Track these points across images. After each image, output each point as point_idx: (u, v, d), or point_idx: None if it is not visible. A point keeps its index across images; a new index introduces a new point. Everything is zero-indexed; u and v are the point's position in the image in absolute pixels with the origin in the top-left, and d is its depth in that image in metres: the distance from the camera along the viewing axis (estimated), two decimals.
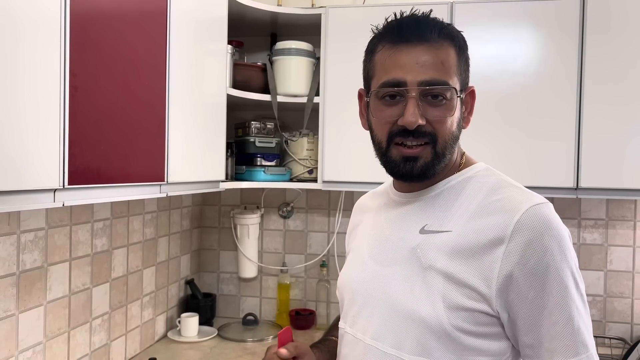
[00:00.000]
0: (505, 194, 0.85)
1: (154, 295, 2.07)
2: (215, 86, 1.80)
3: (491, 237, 0.80)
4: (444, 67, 0.84)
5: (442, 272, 0.83)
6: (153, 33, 1.35)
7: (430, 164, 0.86)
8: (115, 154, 1.19)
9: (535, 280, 0.78)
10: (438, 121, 0.85)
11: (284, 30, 2.28)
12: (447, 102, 0.84)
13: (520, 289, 0.79)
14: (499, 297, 0.80)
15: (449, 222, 0.86)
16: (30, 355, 1.42)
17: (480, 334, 0.81)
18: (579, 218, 2.18)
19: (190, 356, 1.95)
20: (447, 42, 0.85)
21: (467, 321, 0.81)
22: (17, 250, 1.37)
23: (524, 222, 0.79)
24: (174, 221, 2.22)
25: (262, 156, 2.11)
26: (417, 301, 0.83)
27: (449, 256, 0.83)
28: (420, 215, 0.90)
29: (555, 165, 1.83)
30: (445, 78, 0.84)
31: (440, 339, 0.81)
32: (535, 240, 0.78)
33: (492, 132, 1.86)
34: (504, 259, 0.79)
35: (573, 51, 1.81)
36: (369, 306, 0.91)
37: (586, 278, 2.17)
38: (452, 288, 0.81)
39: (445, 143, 0.86)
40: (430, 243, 0.86)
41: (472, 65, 1.90)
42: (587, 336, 0.80)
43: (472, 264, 0.81)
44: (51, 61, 0.98)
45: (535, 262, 0.78)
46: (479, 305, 0.80)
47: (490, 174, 0.91)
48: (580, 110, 1.81)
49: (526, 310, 0.79)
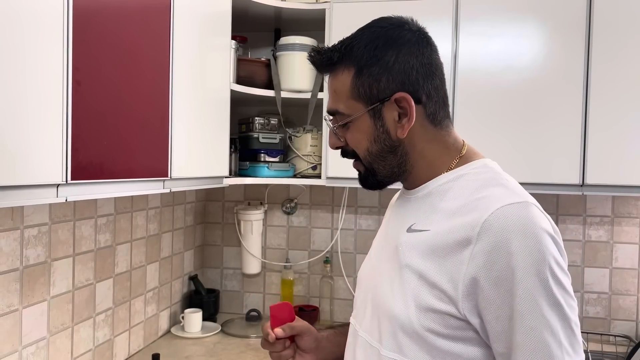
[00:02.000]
0: (489, 192, 0.80)
1: (158, 290, 2.07)
2: (219, 81, 1.79)
3: (460, 237, 0.77)
4: (337, 94, 0.89)
5: (416, 272, 0.82)
6: (157, 27, 1.35)
7: (366, 176, 0.92)
8: (119, 149, 1.19)
9: (500, 286, 0.73)
10: (349, 142, 0.90)
11: (288, 26, 2.26)
12: (349, 124, 0.88)
13: (485, 294, 0.74)
14: (466, 301, 0.76)
15: (430, 222, 0.84)
16: (34, 350, 1.43)
17: (452, 337, 0.78)
18: (585, 215, 2.17)
19: (193, 352, 1.95)
20: (341, 67, 0.88)
21: (437, 323, 0.78)
22: (21, 245, 1.36)
23: (491, 223, 0.74)
24: (178, 217, 2.22)
25: (265, 152, 2.11)
26: (393, 299, 0.84)
27: (423, 255, 0.82)
28: (411, 214, 0.90)
29: (561, 161, 1.81)
30: (336, 106, 0.89)
31: (412, 338, 0.80)
32: (502, 243, 0.73)
33: (496, 128, 1.85)
34: (470, 262, 0.75)
35: (579, 46, 1.80)
36: (365, 299, 0.94)
37: (591, 275, 2.16)
38: (424, 288, 0.80)
39: (368, 159, 0.89)
40: (410, 241, 0.85)
41: (477, 60, 1.90)
42: (556, 348, 0.72)
43: (443, 264, 0.78)
44: (54, 55, 0.97)
45: (501, 268, 0.73)
46: (447, 308, 0.77)
47: (485, 171, 0.87)
48: (587, 106, 1.79)
49: (493, 317, 0.75)
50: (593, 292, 2.17)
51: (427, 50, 0.90)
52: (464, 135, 1.93)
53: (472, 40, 1.87)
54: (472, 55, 1.87)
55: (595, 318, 2.17)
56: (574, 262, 2.18)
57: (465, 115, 1.87)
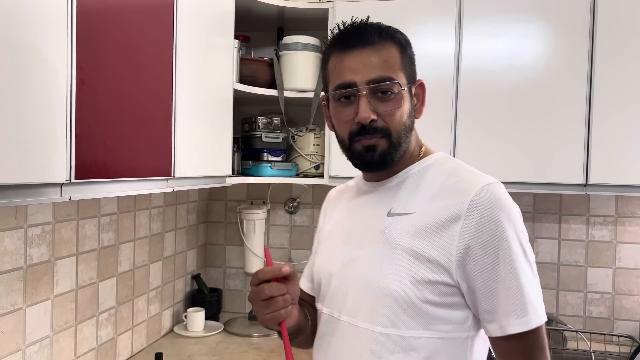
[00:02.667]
0: (461, 176, 0.94)
1: (161, 289, 2.08)
2: (222, 81, 1.80)
3: (449, 215, 0.89)
4: (388, 64, 0.93)
5: (407, 250, 0.91)
6: (160, 27, 1.35)
7: (387, 152, 0.94)
8: (122, 149, 1.19)
9: (489, 251, 0.87)
10: (389, 114, 0.93)
11: (290, 25, 2.26)
12: (395, 96, 0.93)
13: (476, 259, 0.87)
14: (459, 268, 0.88)
15: (412, 205, 0.94)
16: (37, 349, 1.43)
17: (443, 304, 0.89)
18: (588, 215, 2.16)
19: (196, 351, 1.96)
20: (388, 43, 0.94)
21: (431, 293, 0.89)
22: (25, 244, 1.37)
23: (477, 200, 0.88)
24: (181, 216, 2.22)
25: (268, 151, 2.11)
26: (386, 277, 0.91)
27: (413, 235, 0.91)
28: (386, 201, 0.98)
29: (564, 161, 1.81)
30: (390, 74, 0.93)
31: (408, 311, 0.89)
32: (488, 215, 0.87)
33: (499, 127, 1.85)
34: (461, 234, 0.87)
35: (583, 46, 1.79)
36: (343, 286, 0.98)
37: (594, 275, 2.16)
38: (417, 263, 0.89)
39: (399, 133, 0.94)
40: (396, 224, 0.94)
41: (480, 59, 1.89)
42: (536, 299, 0.88)
43: (434, 240, 0.89)
44: (58, 54, 0.98)
45: (489, 235, 0.87)
46: (441, 277, 0.88)
47: (447, 161, 1.00)
48: (590, 105, 1.79)
49: (483, 278, 0.87)
50: (596, 292, 2.16)
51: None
52: (467, 134, 1.94)
53: (475, 40, 1.86)
54: (475, 54, 1.87)
55: (599, 318, 2.16)
56: (577, 262, 2.18)
57: (468, 114, 1.87)
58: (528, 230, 2.28)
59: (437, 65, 1.89)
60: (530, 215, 2.20)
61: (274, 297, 0.92)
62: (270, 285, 0.93)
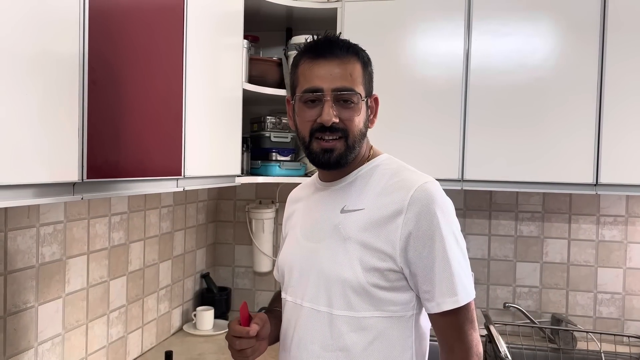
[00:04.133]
0: (403, 176, 1.07)
1: (170, 288, 2.09)
2: (231, 81, 1.80)
3: (393, 210, 1.02)
4: (352, 77, 1.05)
5: (358, 242, 1.04)
6: (170, 28, 1.36)
7: (344, 154, 1.07)
8: (133, 149, 1.20)
9: (426, 239, 1.00)
10: (348, 120, 1.05)
11: (299, 25, 2.27)
12: (354, 105, 1.05)
13: (416, 247, 1.01)
14: (402, 256, 1.01)
15: (362, 202, 1.07)
16: (49, 346, 1.45)
17: (390, 287, 1.03)
18: (598, 215, 2.15)
19: (205, 349, 1.97)
20: (353, 58, 1.07)
21: (379, 278, 1.02)
22: (37, 243, 1.38)
23: (416, 196, 1.01)
24: (190, 215, 2.23)
25: (277, 151, 2.11)
26: (340, 266, 1.04)
27: (363, 228, 1.04)
28: (340, 199, 1.11)
29: (575, 160, 1.80)
30: (352, 86, 1.05)
31: (360, 295, 1.03)
32: (425, 209, 1.01)
33: (509, 126, 1.84)
34: (404, 226, 1.01)
35: (594, 44, 1.78)
36: (304, 276, 1.10)
37: (605, 275, 2.15)
38: (367, 253, 1.03)
39: (355, 137, 1.07)
40: (348, 220, 1.07)
41: (490, 58, 1.89)
42: (466, 279, 1.03)
43: (381, 232, 1.02)
44: (70, 55, 0.99)
45: (426, 226, 1.00)
46: (388, 264, 1.02)
47: (391, 162, 1.13)
48: (601, 104, 1.78)
49: (422, 264, 1.01)
50: (607, 293, 2.15)
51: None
52: (476, 134, 1.93)
53: (484, 39, 1.86)
54: (484, 53, 1.86)
55: (609, 318, 2.15)
56: (587, 262, 2.17)
57: (478, 113, 1.86)
58: (538, 230, 2.27)
59: (447, 64, 1.88)
60: (539, 215, 2.19)
61: (244, 349, 1.09)
62: (241, 341, 1.09)
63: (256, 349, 1.12)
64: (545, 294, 2.20)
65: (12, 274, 1.31)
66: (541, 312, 2.21)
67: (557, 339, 2.04)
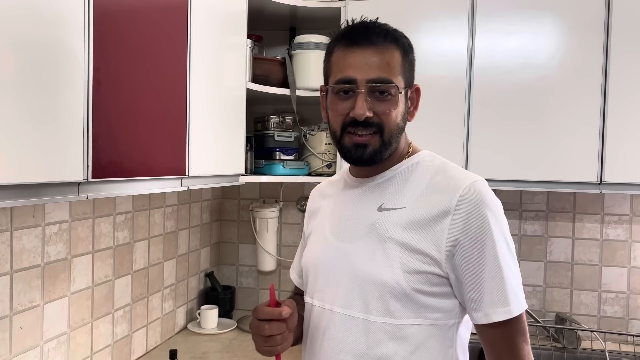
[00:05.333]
0: (449, 174, 0.99)
1: (175, 287, 2.10)
2: (235, 80, 1.81)
3: (439, 210, 0.94)
4: (389, 67, 0.96)
5: (398, 242, 0.95)
6: (174, 27, 1.36)
7: (378, 151, 0.98)
8: (138, 148, 1.21)
9: (476, 244, 0.92)
10: (384, 113, 0.97)
11: (303, 24, 2.27)
12: (391, 97, 0.97)
13: (464, 252, 0.93)
14: (448, 260, 0.93)
15: (402, 200, 0.99)
16: (55, 345, 1.46)
17: (433, 293, 0.95)
18: (602, 213, 2.15)
19: (209, 348, 1.98)
20: (392, 46, 0.98)
21: (422, 282, 0.94)
22: (42, 242, 1.39)
23: (464, 196, 0.93)
24: (194, 214, 2.24)
25: (281, 150, 2.12)
26: (378, 269, 0.96)
27: (404, 228, 0.96)
28: (376, 196, 1.02)
29: (579, 159, 1.80)
30: (390, 76, 0.96)
31: (400, 299, 0.94)
32: (475, 210, 0.93)
33: (513, 125, 1.84)
34: (451, 228, 0.93)
35: (598, 43, 1.77)
36: (334, 279, 1.01)
37: (609, 274, 2.14)
38: (408, 255, 0.94)
39: (391, 133, 0.98)
40: (387, 218, 0.98)
41: (494, 57, 1.88)
42: (518, 288, 0.95)
43: (424, 233, 0.94)
44: (75, 56, 0.99)
45: (476, 229, 0.92)
46: (432, 268, 0.94)
47: (434, 159, 1.05)
48: (605, 103, 1.77)
49: (470, 269, 0.93)
50: (611, 292, 2.15)
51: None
52: (479, 133, 1.93)
53: (488, 37, 1.86)
54: (488, 52, 1.86)
55: (613, 317, 2.14)
56: (591, 261, 2.16)
57: (481, 112, 1.86)
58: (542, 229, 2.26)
59: (450, 63, 1.88)
60: (543, 214, 2.18)
61: (273, 335, 0.95)
62: (272, 325, 0.94)
63: (286, 337, 0.96)
64: (549, 293, 2.20)
65: (18, 273, 1.32)
66: (545, 311, 2.20)
67: (561, 338, 2.04)
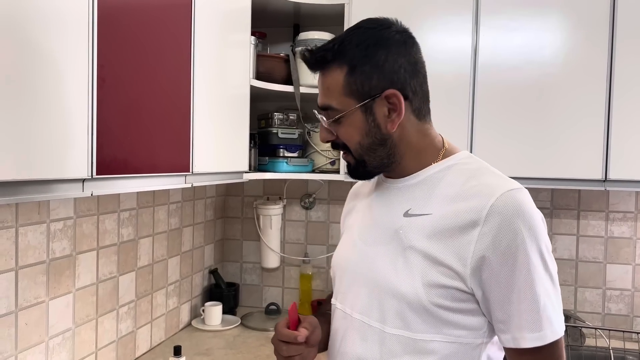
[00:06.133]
0: (483, 179, 0.90)
1: (179, 284, 2.10)
2: (239, 77, 1.81)
3: (467, 220, 0.86)
4: (329, 91, 0.94)
5: (421, 252, 0.89)
6: (178, 24, 1.36)
7: (356, 168, 0.97)
8: (142, 145, 1.21)
9: (506, 261, 0.83)
10: (341, 136, 0.96)
11: (307, 21, 2.27)
12: (341, 119, 0.94)
13: (492, 268, 0.84)
14: (473, 276, 0.85)
15: (430, 206, 0.92)
16: (60, 341, 1.46)
17: (456, 309, 0.87)
18: (607, 211, 2.14)
19: (214, 344, 1.98)
20: (334, 65, 0.93)
21: (444, 297, 0.87)
22: (47, 238, 1.40)
23: (497, 206, 0.84)
24: (198, 211, 2.25)
25: (284, 147, 2.12)
26: (398, 278, 0.90)
27: (428, 237, 0.89)
28: (404, 200, 0.96)
29: (583, 156, 1.79)
30: (329, 101, 0.94)
31: (419, 313, 0.88)
32: (507, 223, 0.83)
33: (517, 122, 1.83)
34: (479, 241, 0.84)
35: (603, 39, 1.77)
36: (357, 283, 0.98)
37: (614, 272, 2.14)
38: (430, 266, 0.87)
39: (359, 151, 0.95)
40: (412, 225, 0.92)
41: (498, 54, 1.87)
42: (553, 313, 0.85)
43: (449, 244, 0.87)
44: (80, 53, 0.99)
45: (507, 244, 0.83)
46: (455, 283, 0.86)
47: (471, 162, 0.96)
48: (610, 100, 1.77)
49: (498, 288, 0.85)
50: (615, 289, 2.14)
51: (413, 50, 0.96)
52: (484, 130, 1.93)
53: (492, 34, 1.85)
54: (492, 49, 1.85)
55: (618, 315, 2.14)
56: (595, 258, 2.15)
57: (486, 109, 1.86)
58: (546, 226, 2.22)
59: (454, 60, 1.88)
60: (548, 211, 2.18)
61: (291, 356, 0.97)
62: (289, 347, 0.96)
63: (305, 356, 0.98)
64: None
65: (23, 269, 1.33)
66: None
67: (566, 336, 2.02)
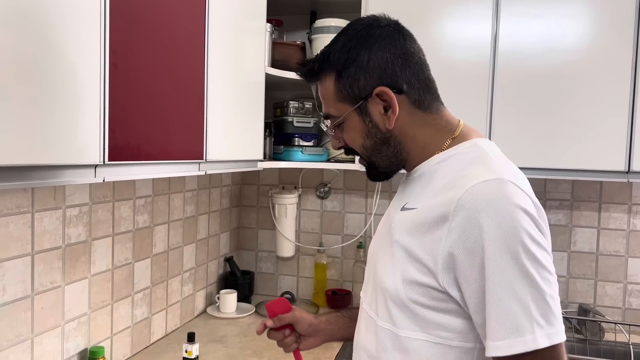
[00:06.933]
0: (470, 170, 0.83)
1: (194, 271, 2.12)
2: (254, 65, 1.80)
3: (440, 214, 0.81)
4: (326, 100, 0.96)
5: (403, 247, 0.87)
6: (193, 10, 1.35)
7: (369, 169, 0.99)
8: (155, 131, 1.21)
9: (474, 260, 0.77)
10: (346, 141, 0.97)
11: (323, 8, 2.24)
12: (342, 125, 0.96)
13: (462, 268, 0.78)
14: (445, 274, 0.80)
15: (420, 200, 0.89)
16: (76, 325, 1.48)
17: (435, 308, 0.83)
18: (630, 203, 2.08)
19: (228, 331, 1.99)
20: (324, 73, 0.94)
21: (420, 294, 0.83)
22: (63, 224, 1.41)
23: (464, 199, 0.78)
24: (214, 199, 2.25)
25: (300, 136, 2.11)
26: (385, 272, 0.90)
27: (409, 232, 0.87)
28: (406, 194, 0.96)
29: (606, 147, 1.74)
30: (328, 109, 0.96)
31: (401, 309, 0.86)
32: (473, 218, 0.77)
33: (538, 112, 1.79)
34: (447, 237, 0.79)
35: (628, 27, 1.71)
36: (369, 274, 1.01)
37: (635, 266, 2.09)
38: (409, 262, 0.85)
39: (365, 153, 0.96)
40: (401, 219, 0.91)
41: (518, 42, 1.82)
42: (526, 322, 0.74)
43: (423, 239, 0.83)
44: (92, 38, 0.99)
45: (473, 242, 0.77)
46: (429, 281, 0.82)
47: (472, 151, 0.89)
48: (635, 90, 1.71)
49: (471, 289, 0.78)
50: (637, 284, 2.09)
51: (399, 41, 0.92)
52: (503, 119, 1.88)
53: (513, 21, 1.80)
54: (513, 36, 1.81)
55: (639, 310, 2.09)
56: (617, 251, 2.11)
57: (505, 98, 1.82)
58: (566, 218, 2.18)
59: (474, 47, 1.84)
60: (568, 203, 2.13)
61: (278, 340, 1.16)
62: (271, 333, 1.17)
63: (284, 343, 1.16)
64: (573, 284, 2.16)
65: (39, 254, 1.34)
66: (568, 302, 2.16)
67: (584, 330, 2.00)
